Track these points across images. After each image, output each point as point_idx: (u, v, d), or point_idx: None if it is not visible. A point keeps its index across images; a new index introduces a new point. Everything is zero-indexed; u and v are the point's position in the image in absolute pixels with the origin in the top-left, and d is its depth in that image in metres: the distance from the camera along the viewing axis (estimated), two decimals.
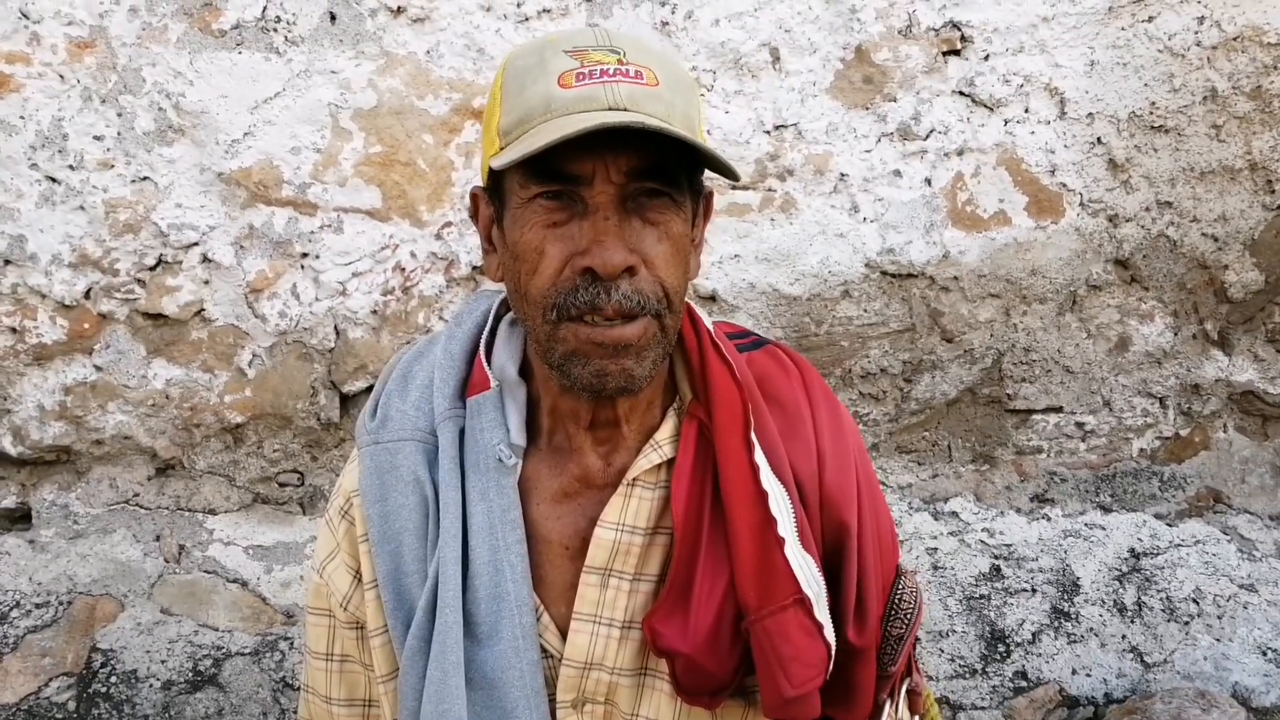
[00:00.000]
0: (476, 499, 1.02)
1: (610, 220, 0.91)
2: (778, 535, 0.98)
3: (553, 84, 0.91)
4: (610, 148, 0.89)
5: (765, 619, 0.97)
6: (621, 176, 0.90)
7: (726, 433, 1.01)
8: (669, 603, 0.99)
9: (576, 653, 1.02)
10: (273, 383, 1.94)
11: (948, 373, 2.06)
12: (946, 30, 1.94)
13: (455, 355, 1.08)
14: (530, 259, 0.93)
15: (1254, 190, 2.01)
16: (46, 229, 1.85)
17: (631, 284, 0.91)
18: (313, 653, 1.12)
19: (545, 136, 0.87)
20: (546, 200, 0.92)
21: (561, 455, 1.06)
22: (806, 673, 0.97)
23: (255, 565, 2.00)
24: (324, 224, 1.90)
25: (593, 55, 0.92)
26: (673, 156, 0.91)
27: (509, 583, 1.00)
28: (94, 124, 1.83)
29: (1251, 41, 1.95)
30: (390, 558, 1.02)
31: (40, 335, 1.89)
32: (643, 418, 1.06)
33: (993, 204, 2.00)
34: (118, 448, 1.96)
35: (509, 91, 0.94)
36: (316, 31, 1.85)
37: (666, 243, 0.94)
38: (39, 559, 1.97)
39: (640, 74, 0.91)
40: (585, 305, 0.91)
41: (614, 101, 0.89)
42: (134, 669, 1.96)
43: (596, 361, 0.93)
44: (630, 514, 1.02)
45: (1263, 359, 2.11)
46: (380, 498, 1.04)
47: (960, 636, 2.08)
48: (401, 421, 1.05)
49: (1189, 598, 2.09)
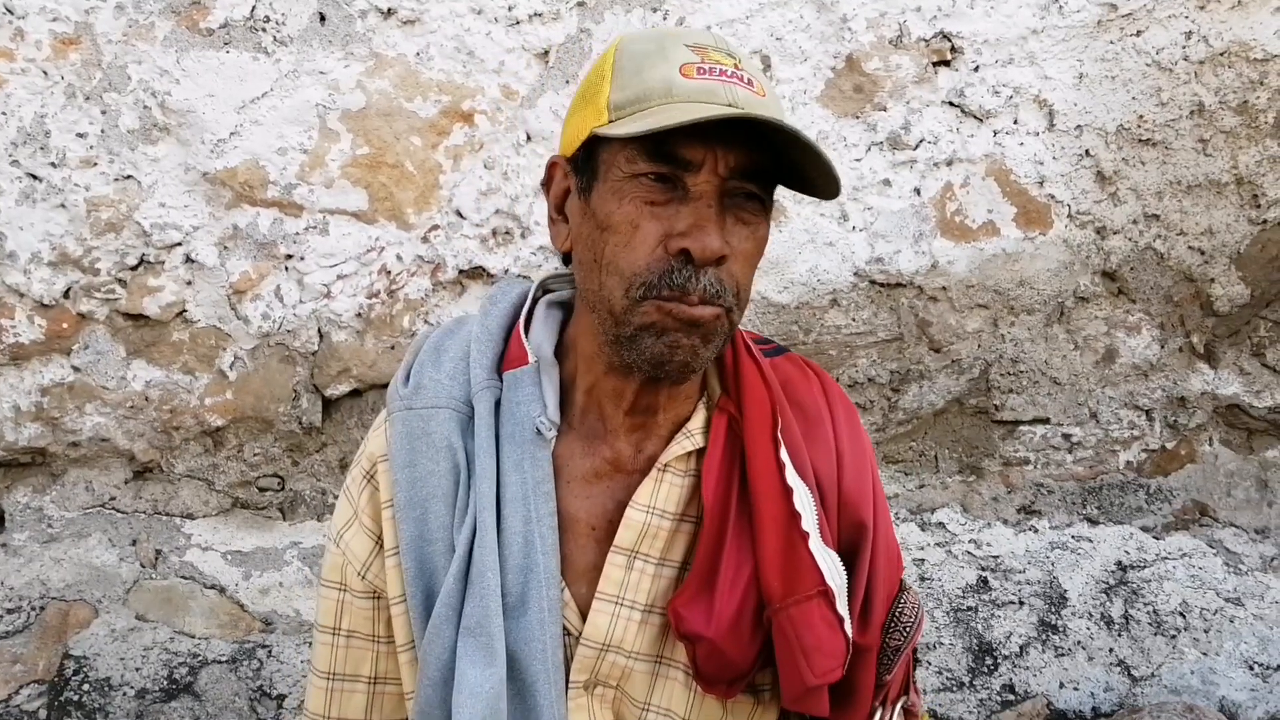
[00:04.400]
0: (511, 469, 1.02)
1: (712, 209, 0.94)
2: (802, 530, 1.00)
3: (674, 71, 0.94)
4: (722, 141, 0.92)
5: (790, 608, 0.99)
6: (728, 170, 0.93)
7: (756, 428, 1.04)
8: (694, 587, 1.01)
9: (596, 633, 1.03)
10: (254, 385, 1.91)
11: (935, 383, 2.06)
12: (937, 41, 1.94)
13: (493, 330, 1.10)
14: (624, 231, 0.95)
15: (1240, 204, 2.02)
16: (26, 227, 1.83)
17: (718, 272, 0.94)
18: (320, 627, 1.11)
19: (668, 117, 0.89)
20: (651, 180, 0.94)
21: (594, 437, 1.08)
22: (828, 663, 0.99)
23: (234, 571, 1.96)
24: (309, 225, 1.88)
25: (712, 54, 0.96)
26: (771, 165, 0.95)
27: (539, 554, 1.00)
28: (77, 121, 1.81)
29: (1238, 57, 1.96)
30: (415, 524, 1.02)
31: (17, 335, 1.86)
32: (678, 408, 1.08)
33: (981, 214, 2.00)
34: (95, 450, 1.92)
35: (623, 69, 0.97)
36: (306, 32, 1.84)
37: (751, 243, 0.98)
38: (11, 563, 1.93)
39: (752, 82, 0.95)
40: (677, 288, 0.93)
41: (731, 100, 0.92)
42: (107, 677, 1.92)
43: (672, 335, 0.95)
44: (660, 498, 1.04)
45: (1248, 372, 2.11)
46: (409, 463, 1.03)
47: (948, 649, 2.06)
48: (435, 390, 1.06)
49: (1176, 611, 2.08)
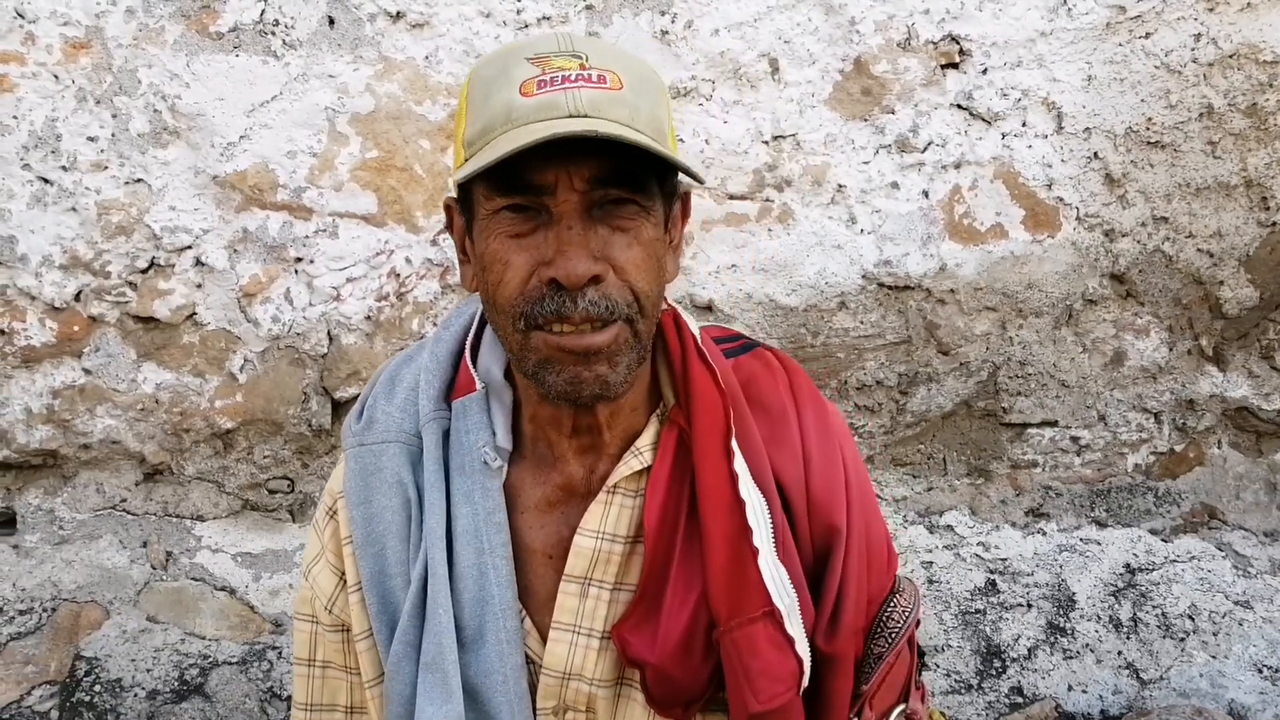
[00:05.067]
0: (461, 501, 1.00)
1: (574, 229, 0.89)
2: (752, 546, 0.96)
3: (514, 92, 0.89)
4: (572, 156, 0.87)
5: (734, 631, 0.95)
6: (584, 184, 0.89)
7: (706, 440, 0.99)
8: (639, 612, 0.98)
9: (555, 661, 1.01)
10: (264, 388, 1.92)
11: (943, 385, 2.05)
12: (945, 43, 1.94)
13: (441, 358, 1.07)
14: (496, 270, 0.92)
15: (1249, 207, 2.02)
16: (38, 230, 1.84)
17: (598, 291, 0.90)
18: (296, 659, 1.11)
19: (504, 147, 0.85)
20: (511, 212, 0.91)
21: (544, 464, 1.05)
22: (774, 687, 0.95)
23: (244, 573, 1.97)
24: (319, 228, 1.89)
25: (554, 61, 0.91)
26: (638, 161, 0.90)
27: (494, 586, 0.99)
28: (88, 125, 1.82)
29: (1247, 59, 1.96)
30: (374, 560, 1.01)
31: (29, 337, 1.87)
32: (625, 424, 1.04)
33: (990, 217, 2.00)
34: (105, 452, 1.93)
35: (474, 102, 0.93)
36: (315, 35, 1.84)
37: (637, 248, 0.92)
38: (23, 564, 1.94)
39: (604, 78, 0.90)
40: (552, 314, 0.90)
41: (575, 108, 0.87)
42: (118, 678, 1.93)
43: (570, 369, 0.92)
44: (610, 521, 1.01)
45: (1257, 375, 2.11)
46: (364, 500, 1.02)
47: (956, 651, 2.06)
48: (386, 423, 1.04)
49: (1184, 614, 2.08)
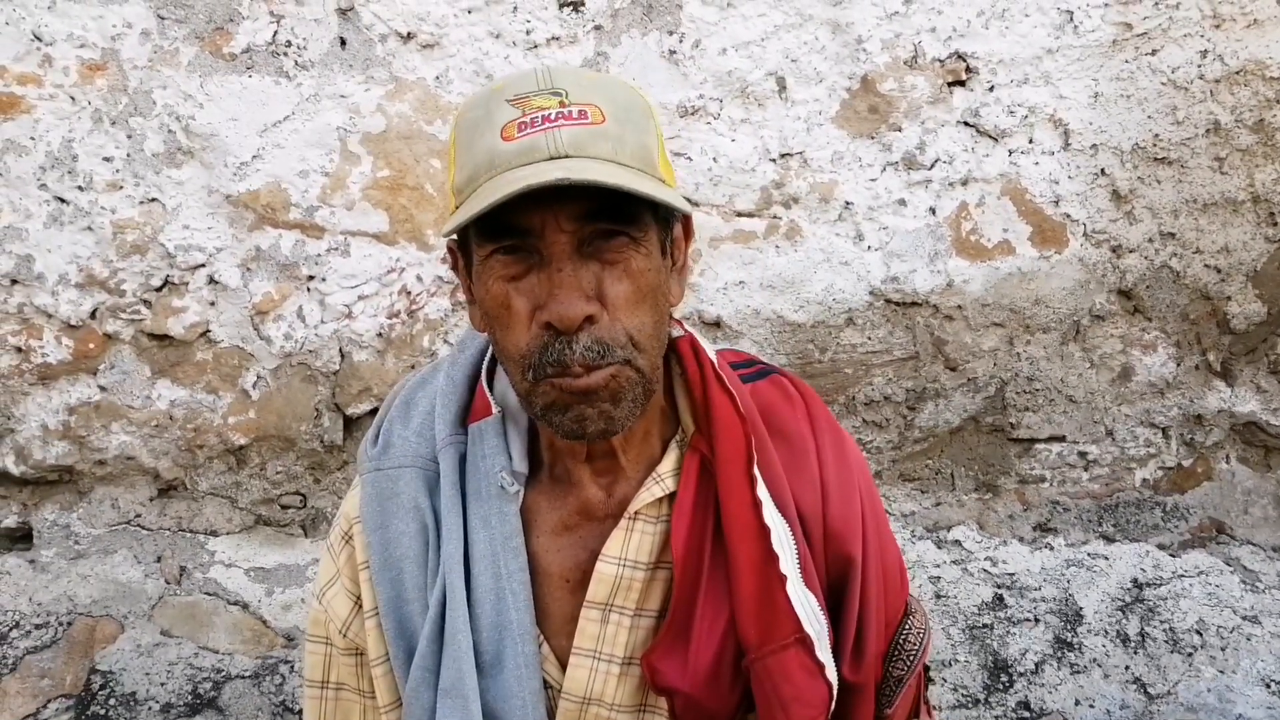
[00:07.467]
0: (478, 526, 1.01)
1: (564, 271, 0.89)
2: (780, 572, 0.97)
3: (496, 137, 0.89)
4: (556, 197, 0.86)
5: (766, 658, 0.96)
6: (572, 224, 0.88)
7: (729, 467, 0.99)
8: (668, 640, 0.98)
9: (575, 687, 1.01)
10: (277, 405, 1.94)
11: (951, 401, 2.06)
12: (952, 61, 1.95)
13: (457, 381, 1.08)
14: (500, 315, 0.93)
15: (1256, 223, 2.02)
16: (54, 249, 1.86)
17: (591, 334, 0.89)
18: (308, 681, 1.12)
19: (488, 196, 0.85)
20: (503, 255, 0.91)
21: (562, 487, 1.05)
22: (807, 712, 0.96)
23: (257, 588, 1.99)
24: (331, 247, 1.91)
25: (534, 101, 0.90)
26: (624, 195, 0.88)
27: (512, 611, 0.99)
28: (104, 145, 1.84)
29: (1254, 75, 1.96)
30: (391, 585, 1.02)
31: (45, 355, 1.89)
32: (640, 448, 1.04)
33: (997, 234, 2.01)
34: (120, 468, 1.95)
35: (460, 147, 0.94)
36: (326, 56, 1.86)
37: (627, 281, 0.91)
38: (39, 579, 1.96)
39: (584, 113, 0.90)
40: (555, 365, 0.90)
41: (555, 149, 0.87)
42: (133, 691, 1.95)
43: (575, 408, 0.92)
44: (632, 548, 1.01)
45: (1265, 390, 2.11)
46: (381, 524, 1.03)
47: (963, 666, 2.07)
48: (403, 448, 1.05)
49: (1192, 629, 2.08)
